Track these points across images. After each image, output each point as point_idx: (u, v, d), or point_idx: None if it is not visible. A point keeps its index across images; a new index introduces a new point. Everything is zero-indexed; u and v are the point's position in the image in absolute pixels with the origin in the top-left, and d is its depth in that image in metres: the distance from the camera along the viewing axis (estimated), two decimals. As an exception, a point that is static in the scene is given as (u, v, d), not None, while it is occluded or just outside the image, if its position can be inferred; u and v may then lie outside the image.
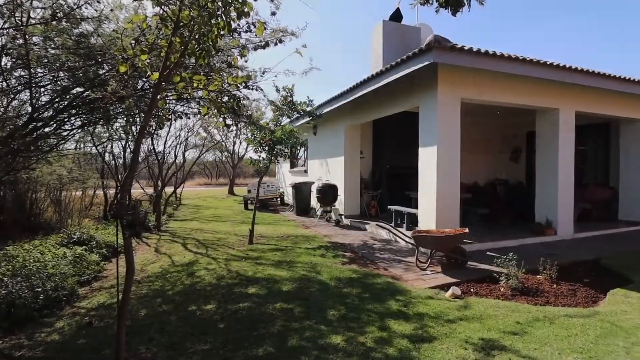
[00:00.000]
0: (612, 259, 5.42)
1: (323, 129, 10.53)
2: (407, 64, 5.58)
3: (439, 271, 4.79)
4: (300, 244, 6.49)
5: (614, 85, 6.73)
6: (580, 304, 3.82)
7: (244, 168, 36.38)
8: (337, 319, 3.34)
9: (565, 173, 6.86)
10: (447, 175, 5.81)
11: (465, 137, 10.67)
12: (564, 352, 2.69)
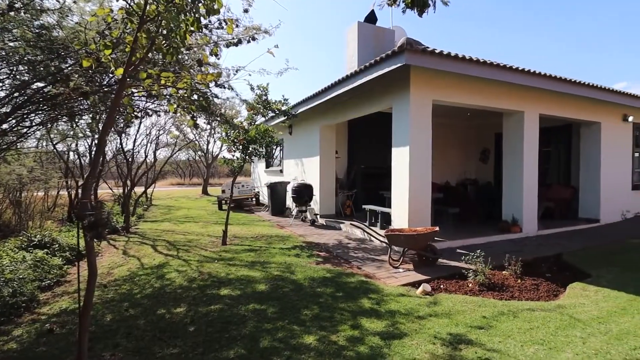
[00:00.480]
0: (572, 254, 5.73)
1: (299, 129, 10.51)
2: (381, 65, 5.66)
3: (411, 269, 4.89)
4: (275, 244, 6.45)
5: (573, 89, 7.11)
6: (543, 297, 4.01)
7: (218, 168, 35.75)
8: (310, 318, 3.34)
9: (530, 173, 7.18)
10: (419, 175, 5.94)
11: (437, 138, 10.98)
12: (526, 344, 2.81)
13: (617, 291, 4.06)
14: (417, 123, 5.89)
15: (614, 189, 8.64)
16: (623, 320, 3.27)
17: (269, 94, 7.04)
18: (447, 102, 6.35)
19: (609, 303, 3.72)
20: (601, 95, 7.62)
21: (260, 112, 6.88)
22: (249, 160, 6.77)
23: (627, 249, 6.11)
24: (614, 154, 8.65)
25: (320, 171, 9.08)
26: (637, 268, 4.96)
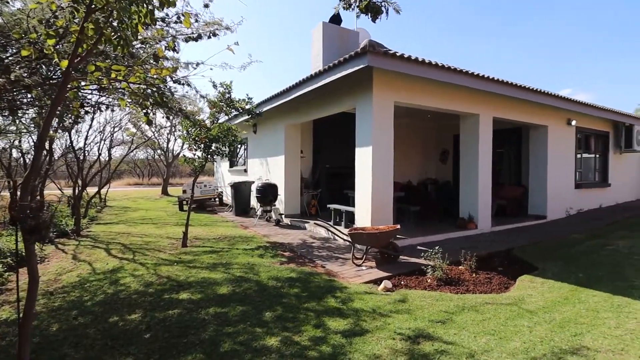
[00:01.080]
0: (522, 249, 6.11)
1: (263, 128, 10.38)
2: (344, 65, 5.71)
3: (374, 266, 4.99)
4: (238, 245, 6.33)
5: (524, 94, 7.58)
6: (495, 290, 4.24)
7: (179, 167, 34.51)
8: (273, 319, 3.30)
9: (484, 173, 7.58)
10: (382, 175, 6.07)
11: (400, 139, 11.30)
12: (479, 334, 2.96)
13: (560, 282, 4.38)
14: (379, 124, 6.01)
15: (559, 188, 9.32)
16: (565, 309, 3.53)
17: (232, 91, 6.88)
18: (408, 104, 6.53)
19: (553, 293, 4.00)
20: (548, 101, 8.19)
21: (223, 110, 6.70)
22: (211, 160, 6.58)
23: (570, 243, 6.62)
24: (559, 155, 9.34)
25: (286, 171, 9.02)
26: (578, 261, 5.38)
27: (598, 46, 65.27)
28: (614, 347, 2.77)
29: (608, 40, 62.09)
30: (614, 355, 2.65)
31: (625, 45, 60.08)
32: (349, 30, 8.78)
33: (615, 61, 62.56)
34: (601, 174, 11.40)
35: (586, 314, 3.40)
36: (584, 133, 10.49)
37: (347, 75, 5.78)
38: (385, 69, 5.50)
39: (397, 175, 11.18)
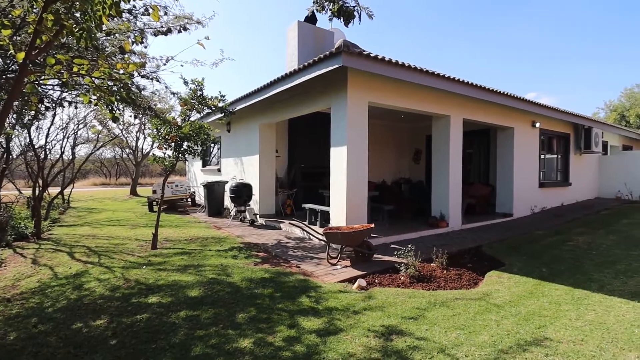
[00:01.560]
0: (490, 246, 6.34)
1: (237, 127, 10.21)
2: (319, 65, 5.71)
3: (348, 265, 5.02)
4: (211, 246, 6.19)
5: (492, 97, 7.87)
6: (465, 286, 4.37)
7: (150, 166, 33.40)
8: (247, 321, 3.25)
9: (455, 173, 7.80)
10: (356, 174, 6.12)
11: (374, 139, 11.43)
12: (449, 330, 3.03)
13: (525, 277, 4.58)
14: (354, 124, 6.06)
15: (524, 187, 9.75)
16: (530, 303, 3.69)
17: (204, 89, 6.72)
18: (382, 105, 6.62)
19: (519, 288, 4.18)
20: (515, 104, 8.55)
21: (195, 107, 6.53)
22: (182, 159, 6.40)
23: (534, 239, 6.93)
24: (524, 155, 9.77)
25: (260, 170, 8.92)
26: (541, 256, 5.65)
27: (562, 51, 68.97)
28: (574, 337, 2.92)
29: (571, 44, 65.69)
30: (575, 345, 2.79)
31: (587, 50, 63.87)
32: (324, 30, 8.81)
33: (576, 66, 66.39)
34: (563, 174, 12.03)
35: (549, 307, 3.57)
36: (547, 135, 11.03)
37: (322, 75, 5.79)
38: (359, 69, 5.55)
39: (372, 175, 11.34)
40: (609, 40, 57.97)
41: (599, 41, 60.07)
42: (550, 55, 70.35)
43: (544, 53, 72.08)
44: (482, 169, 11.06)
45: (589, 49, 63.01)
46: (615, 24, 55.64)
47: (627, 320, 3.23)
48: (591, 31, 59.68)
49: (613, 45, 58.07)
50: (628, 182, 13.32)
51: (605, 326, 3.12)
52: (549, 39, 66.72)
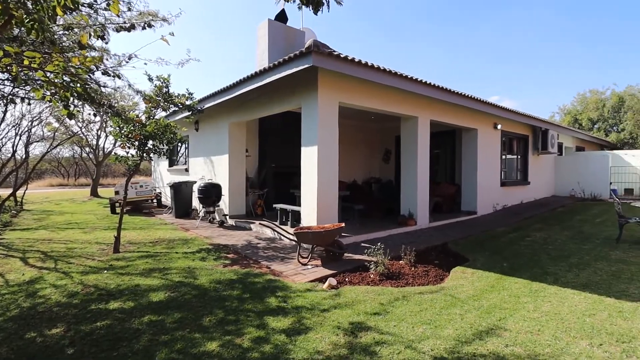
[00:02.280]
0: (455, 242, 6.57)
1: (206, 125, 9.97)
2: (289, 64, 5.69)
3: (319, 264, 5.02)
4: (178, 248, 6.00)
5: (457, 99, 8.16)
6: (432, 282, 4.50)
7: (112, 166, 31.93)
8: (214, 324, 3.17)
9: (423, 172, 8.02)
10: (327, 174, 6.15)
11: (345, 139, 11.50)
12: (416, 325, 3.11)
13: (488, 272, 4.78)
14: (324, 123, 6.08)
15: (487, 186, 10.19)
16: (492, 297, 3.86)
17: (170, 86, 6.50)
18: (353, 105, 6.69)
19: (481, 282, 4.35)
20: (479, 106, 8.91)
21: (160, 105, 6.30)
22: (147, 158, 6.16)
23: (496, 236, 7.27)
24: (487, 156, 10.21)
25: (230, 170, 8.75)
26: (502, 251, 5.93)
27: (523, 54, 72.73)
28: (532, 328, 3.08)
29: (533, 49, 69.51)
30: (532, 335, 2.95)
31: (546, 54, 67.89)
32: (295, 30, 8.77)
33: (536, 70, 70.36)
34: (522, 173, 12.69)
35: (509, 300, 3.75)
36: (508, 136, 11.59)
37: (293, 75, 5.77)
38: (330, 69, 5.57)
39: (343, 175, 11.43)
40: (565, 45, 61.95)
41: (557, 45, 64.02)
42: (513, 59, 74.07)
43: (507, 56, 75.78)
44: (449, 169, 11.45)
45: (548, 53, 66.95)
46: (572, 29, 59.58)
47: (579, 310, 3.45)
48: (552, 35, 63.42)
49: (568, 50, 62.07)
50: (580, 181, 14.26)
51: (559, 316, 3.31)
52: (514, 43, 70.21)
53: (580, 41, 58.92)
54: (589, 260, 5.25)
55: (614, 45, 55.76)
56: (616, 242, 6.42)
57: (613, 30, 55.07)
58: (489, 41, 72.77)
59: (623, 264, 5.06)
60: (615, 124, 28.04)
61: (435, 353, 2.64)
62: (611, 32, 55.15)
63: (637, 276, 4.48)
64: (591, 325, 3.12)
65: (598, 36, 56.96)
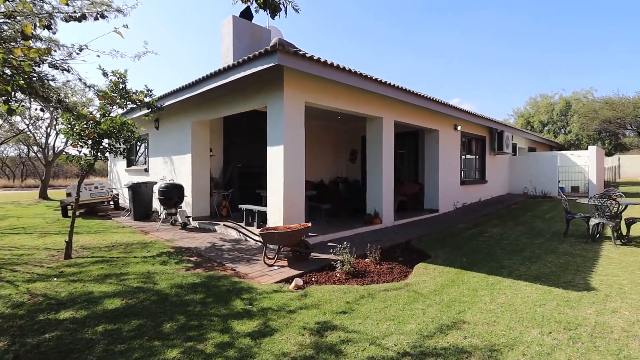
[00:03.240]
0: (418, 239, 6.77)
1: (167, 124, 9.58)
2: (254, 62, 5.59)
3: (286, 265, 4.98)
4: (136, 252, 5.71)
5: (420, 101, 8.41)
6: (396, 279, 4.60)
7: (65, 166, 29.94)
8: (175, 330, 3.05)
9: (387, 172, 8.20)
10: (293, 174, 6.11)
11: (313, 139, 11.51)
12: (381, 321, 3.17)
13: (448, 267, 4.96)
14: (290, 123, 6.04)
15: (448, 185, 10.61)
16: (452, 291, 4.01)
17: (128, 82, 6.18)
18: (319, 105, 6.70)
19: (442, 277, 4.51)
20: (440, 108, 9.24)
21: (116, 102, 5.97)
22: (101, 158, 5.81)
23: (456, 232, 7.57)
24: (448, 156, 10.62)
25: (193, 170, 8.47)
26: (462, 247, 6.18)
27: (483, 59, 76.53)
28: (488, 319, 3.23)
29: (490, 53, 73.29)
30: (489, 326, 3.09)
31: (502, 58, 71.86)
32: (261, 27, 8.65)
33: (492, 73, 74.33)
34: (480, 173, 13.33)
35: (468, 293, 3.91)
36: (467, 137, 12.13)
37: (258, 73, 5.68)
38: (296, 69, 5.54)
39: (310, 175, 11.44)
40: (519, 49, 65.92)
41: (511, 50, 67.95)
42: (473, 62, 77.76)
43: (469, 60, 79.37)
44: (413, 168, 11.80)
45: (504, 58, 70.89)
46: (527, 33, 63.54)
47: (531, 301, 3.66)
48: (508, 40, 67.22)
49: (523, 54, 66.15)
50: (532, 179, 15.22)
51: (513, 307, 3.50)
52: (474, 47, 73.69)
53: (534, 46, 63.10)
54: (539, 254, 5.61)
55: (563, 51, 60.27)
56: (563, 236, 6.91)
57: (562, 37, 59.49)
58: (453, 45, 75.94)
59: (570, 256, 5.45)
60: (563, 126, 30.22)
61: (398, 348, 2.70)
62: (560, 38, 59.56)
63: (582, 268, 4.84)
64: (542, 314, 3.32)
65: (549, 42, 61.32)
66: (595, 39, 58.91)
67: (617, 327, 3.06)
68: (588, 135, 26.86)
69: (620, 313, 3.34)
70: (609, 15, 56.39)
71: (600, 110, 20.29)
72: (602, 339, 2.84)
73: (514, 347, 2.72)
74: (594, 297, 3.73)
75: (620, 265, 4.91)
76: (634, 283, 4.17)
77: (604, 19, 56.79)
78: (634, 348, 2.70)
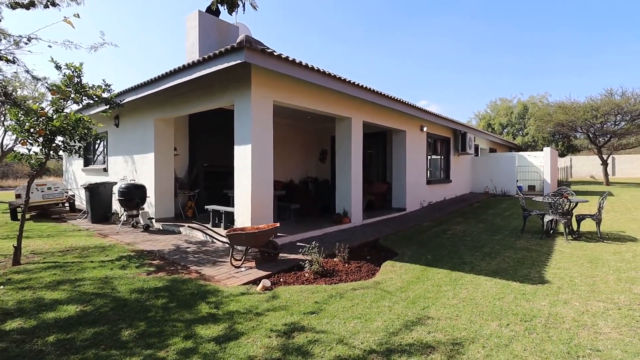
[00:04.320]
0: (386, 238, 6.89)
1: (128, 121, 9.14)
2: (221, 59, 5.45)
3: (253, 266, 4.89)
4: (93, 256, 5.40)
5: (388, 102, 8.57)
6: (364, 277, 4.64)
7: (15, 166, 27.86)
8: (135, 338, 2.90)
9: (356, 171, 8.28)
10: (261, 173, 6.02)
11: (283, 139, 11.44)
12: (348, 320, 3.18)
13: (414, 264, 5.08)
14: (258, 122, 5.95)
15: (415, 184, 10.89)
16: (417, 287, 4.10)
17: (83, 75, 5.83)
18: (288, 104, 6.64)
19: (408, 275, 4.61)
20: (407, 110, 9.46)
21: (71, 97, 5.61)
22: (54, 157, 5.44)
23: (422, 230, 7.78)
24: (415, 156, 10.90)
25: (156, 170, 8.13)
26: (427, 244, 6.36)
27: (450, 62, 79.48)
28: (451, 314, 3.33)
29: (455, 57, 76.30)
30: (451, 321, 3.19)
31: (468, 61, 75.08)
32: (228, 24, 8.47)
33: (458, 76, 77.45)
34: (445, 172, 13.80)
35: (432, 289, 4.02)
36: (433, 138, 12.51)
37: (225, 70, 5.54)
38: (263, 67, 5.45)
39: (279, 174, 11.34)
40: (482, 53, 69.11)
41: (475, 54, 71.06)
42: (442, 66, 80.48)
43: (436, 63, 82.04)
44: (381, 168, 12.01)
45: (470, 62, 74.00)
46: (490, 37, 66.69)
47: (490, 295, 3.82)
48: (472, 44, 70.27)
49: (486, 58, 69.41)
50: (493, 178, 15.97)
51: (474, 302, 3.63)
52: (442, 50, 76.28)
53: (496, 50, 66.38)
54: (499, 250, 5.88)
55: (522, 55, 63.94)
56: (521, 232, 7.29)
57: (521, 42, 63.09)
58: (422, 48, 78.21)
59: (526, 251, 5.75)
60: (520, 128, 31.93)
61: (365, 346, 2.72)
62: (520, 43, 63.15)
63: (537, 262, 5.12)
64: (500, 307, 3.47)
65: (510, 46, 64.79)
66: (551, 44, 63.23)
67: (569, 317, 3.25)
68: (543, 137, 28.57)
69: (571, 304, 3.56)
70: (562, 21, 60.77)
71: (554, 114, 21.61)
72: (555, 329, 3.01)
73: (475, 340, 2.82)
74: (548, 290, 3.96)
75: (571, 259, 5.24)
76: (584, 275, 4.47)
77: (559, 25, 61.12)
78: (583, 337, 2.89)
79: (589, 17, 58.33)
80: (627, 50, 57.31)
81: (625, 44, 57.73)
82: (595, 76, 59.83)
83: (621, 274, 4.50)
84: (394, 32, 78.91)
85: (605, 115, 19.41)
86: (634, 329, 3.02)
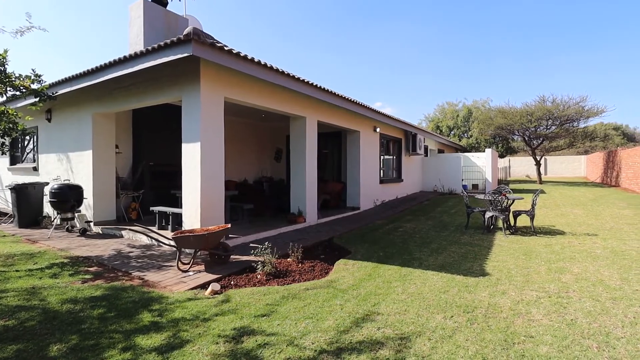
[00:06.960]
0: (340, 236, 6.96)
1: (62, 115, 8.35)
2: (166, 51, 5.15)
3: (202, 270, 4.69)
4: (20, 265, 4.85)
5: (342, 103, 8.66)
6: (317, 276, 4.63)
7: None
8: (65, 353, 2.63)
9: (311, 171, 8.28)
10: (211, 173, 5.79)
11: (236, 137, 11.15)
12: (299, 320, 3.14)
13: (366, 262, 5.17)
14: (208, 119, 5.71)
15: (369, 184, 11.14)
16: (369, 284, 4.17)
17: (8, 64, 5.23)
18: (240, 102, 6.45)
19: (361, 272, 4.68)
20: (361, 111, 9.64)
21: (-9, 87, 5.00)
22: (-31, 153, 4.81)
23: (375, 228, 7.97)
24: (368, 156, 11.15)
25: (95, 169, 7.50)
26: (379, 242, 6.51)
27: (403, 65, 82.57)
28: (400, 309, 3.42)
29: (410, 60, 79.48)
30: (400, 316, 3.27)
31: (419, 65, 78.52)
32: (177, 16, 8.05)
33: (410, 80, 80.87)
34: (397, 172, 14.29)
35: (383, 286, 4.10)
36: (385, 138, 12.89)
37: (172, 63, 5.25)
38: (214, 61, 5.24)
39: (233, 174, 11.04)
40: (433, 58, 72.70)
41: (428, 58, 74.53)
42: (395, 69, 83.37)
43: (391, 65, 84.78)
44: (336, 168, 12.13)
45: (422, 65, 77.43)
46: (438, 43, 70.23)
47: (436, 289, 3.98)
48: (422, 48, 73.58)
49: (435, 63, 73.13)
50: (441, 178, 16.82)
51: (422, 296, 3.77)
52: (394, 53, 78.96)
53: (445, 55, 70.11)
54: (445, 245, 6.17)
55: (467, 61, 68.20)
56: (465, 228, 7.73)
57: (468, 48, 67.22)
58: (376, 50, 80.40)
59: (470, 246, 6.10)
60: (465, 131, 34.02)
61: (315, 346, 2.69)
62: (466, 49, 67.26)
63: (479, 256, 5.45)
64: (445, 300, 3.63)
65: (457, 52, 68.76)
66: (493, 50, 68.20)
67: (506, 307, 3.48)
68: (485, 140, 30.68)
69: (508, 294, 3.82)
70: (504, 29, 65.86)
71: (495, 117, 23.29)
72: (494, 319, 3.20)
73: (421, 334, 2.91)
74: (488, 282, 4.21)
75: (509, 252, 5.64)
76: (519, 267, 4.83)
77: (501, 32, 66.14)
78: (519, 325, 3.10)
79: (528, 25, 63.96)
80: (556, 60, 63.79)
81: (553, 53, 64.16)
82: (532, 81, 66.00)
83: (551, 265, 4.92)
84: (349, 35, 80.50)
85: (538, 120, 21.27)
86: (562, 315, 3.30)
